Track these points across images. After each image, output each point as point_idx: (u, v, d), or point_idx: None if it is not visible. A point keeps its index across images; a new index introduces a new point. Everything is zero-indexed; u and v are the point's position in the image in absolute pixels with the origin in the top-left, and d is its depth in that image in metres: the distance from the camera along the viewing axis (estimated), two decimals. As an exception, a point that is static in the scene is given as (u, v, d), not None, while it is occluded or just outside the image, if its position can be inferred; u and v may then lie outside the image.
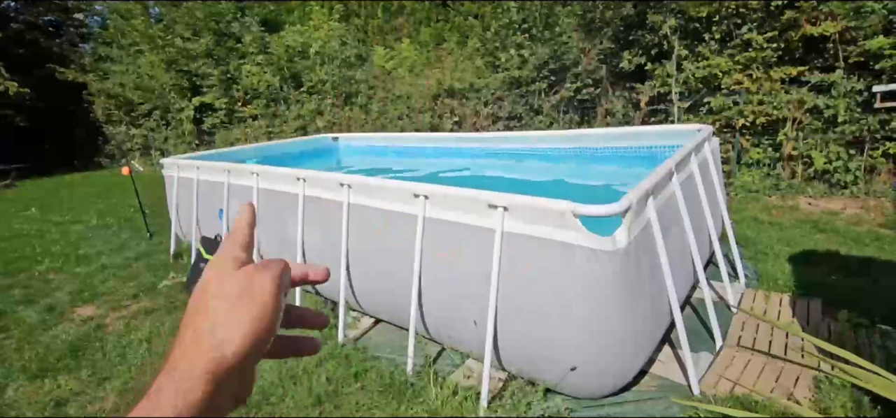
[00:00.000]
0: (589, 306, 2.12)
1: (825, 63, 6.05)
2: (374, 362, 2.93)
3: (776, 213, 5.34)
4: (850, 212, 5.19)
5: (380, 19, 13.47)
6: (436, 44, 11.51)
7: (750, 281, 3.62)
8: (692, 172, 3.10)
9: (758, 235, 4.58)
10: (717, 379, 2.49)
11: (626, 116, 7.53)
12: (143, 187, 6.41)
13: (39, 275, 5.13)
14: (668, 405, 2.35)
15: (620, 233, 2.05)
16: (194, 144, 13.21)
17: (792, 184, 6.18)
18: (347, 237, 3.09)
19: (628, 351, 2.33)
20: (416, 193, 2.65)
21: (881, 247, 4.03)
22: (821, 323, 2.96)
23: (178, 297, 4.14)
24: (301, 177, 3.41)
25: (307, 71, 11.68)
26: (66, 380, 3.03)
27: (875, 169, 5.72)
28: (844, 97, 5.69)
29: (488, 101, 9.10)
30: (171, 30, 13.42)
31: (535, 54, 8.41)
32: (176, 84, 13.23)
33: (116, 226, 7.15)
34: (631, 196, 2.10)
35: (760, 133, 6.46)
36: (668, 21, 6.74)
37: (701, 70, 6.63)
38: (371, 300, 3.30)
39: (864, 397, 2.18)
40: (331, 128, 10.68)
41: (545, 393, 2.47)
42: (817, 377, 2.42)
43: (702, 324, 2.98)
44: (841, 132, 5.78)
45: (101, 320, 3.87)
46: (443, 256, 2.62)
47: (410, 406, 2.49)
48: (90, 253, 5.79)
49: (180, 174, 4.89)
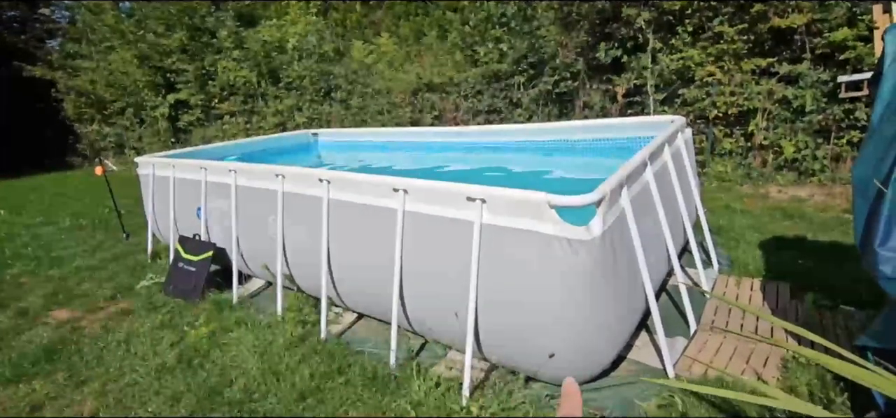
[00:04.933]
0: (566, 294, 2.18)
1: (793, 54, 6.23)
2: (358, 356, 2.94)
3: (748, 202, 5.50)
4: (818, 200, 5.37)
5: (358, 13, 13.36)
6: (415, 38, 11.47)
7: (722, 267, 3.74)
8: (666, 162, 3.18)
9: (730, 223, 4.72)
10: (691, 363, 2.58)
11: (603, 108, 7.65)
12: (117, 187, 6.28)
13: (10, 278, 5.00)
14: (645, 388, 2.43)
15: (595, 223, 2.10)
16: (170, 143, 12.94)
17: (763, 173, 6.37)
18: (328, 233, 3.09)
19: (605, 337, 2.39)
20: (395, 187, 2.67)
21: (845, 232, 4.20)
22: (789, 305, 3.08)
23: (157, 297, 4.08)
24: (280, 173, 3.40)
25: (285, 66, 11.54)
26: (41, 384, 2.98)
27: (841, 157, 5.92)
28: (811, 88, 5.88)
29: (468, 95, 9.13)
30: (143, 25, 13.09)
31: (514, 48, 8.47)
32: (149, 80, 12.93)
33: (91, 227, 6.98)
34: (605, 186, 2.16)
35: (733, 123, 6.63)
36: (643, 14, 6.85)
37: (675, 62, 6.77)
38: (353, 295, 3.30)
39: (828, 374, 2.29)
40: (310, 124, 10.58)
41: (526, 382, 2.52)
42: (785, 357, 2.52)
43: (677, 310, 3.07)
44: (808, 122, 5.97)
45: (77, 323, 3.80)
46: (423, 249, 2.65)
47: (394, 398, 2.52)
48: (64, 255, 5.65)
49: (156, 173, 4.81)
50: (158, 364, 3.08)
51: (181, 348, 3.24)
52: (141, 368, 3.06)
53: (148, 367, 3.05)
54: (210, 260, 4.03)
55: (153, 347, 3.29)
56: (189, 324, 3.54)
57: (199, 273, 4.02)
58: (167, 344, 3.30)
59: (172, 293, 4.09)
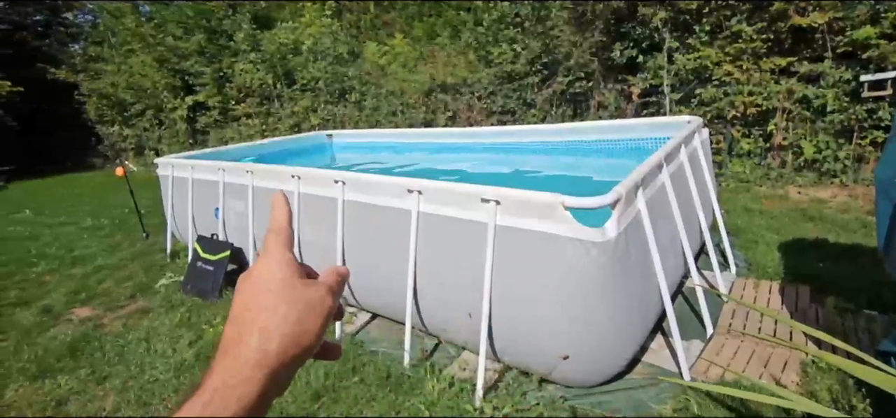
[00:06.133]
0: (580, 297, 2.17)
1: (814, 53, 6.11)
2: (372, 356, 2.97)
3: (766, 203, 5.41)
4: (839, 201, 5.26)
5: (372, 14, 13.42)
6: (428, 39, 11.49)
7: (740, 269, 3.68)
8: (682, 164, 3.15)
9: (748, 224, 4.64)
10: (708, 366, 2.55)
11: (618, 109, 7.58)
12: (137, 188, 6.41)
13: (35, 277, 5.13)
14: (660, 391, 2.41)
15: (610, 225, 2.09)
16: (188, 144, 13.15)
17: (782, 174, 6.26)
18: (343, 233, 3.12)
19: (620, 340, 2.38)
20: (409, 188, 2.69)
21: (868, 234, 4.10)
22: (809, 309, 3.02)
23: (176, 296, 4.16)
24: (296, 174, 3.44)
25: (300, 68, 11.65)
26: (65, 380, 3.06)
27: (863, 157, 5.79)
28: (833, 87, 5.76)
29: (481, 96, 9.12)
30: (162, 28, 13.33)
31: (527, 48, 8.43)
32: (168, 83, 13.15)
33: (110, 226, 7.14)
34: (620, 188, 2.15)
35: (751, 123, 6.52)
36: (659, 13, 6.78)
37: (692, 62, 6.68)
38: (367, 296, 3.33)
39: (849, 380, 2.24)
40: (324, 125, 10.67)
41: (540, 383, 2.52)
42: (805, 362, 2.48)
43: (693, 313, 3.04)
44: (830, 121, 5.84)
45: (98, 320, 3.89)
46: (437, 250, 2.66)
47: (408, 398, 2.53)
48: (85, 254, 5.79)
49: (175, 173, 4.90)
50: (177, 361, 3.14)
51: (199, 346, 3.30)
52: (161, 365, 3.12)
53: (167, 364, 3.11)
54: (227, 259, 4.10)
55: (172, 345, 3.35)
56: (207, 323, 3.60)
57: (217, 272, 4.08)
58: (186, 342, 3.37)
59: (191, 292, 4.16)
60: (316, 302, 0.40)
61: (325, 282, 0.43)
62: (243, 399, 0.35)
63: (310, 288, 0.41)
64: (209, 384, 0.36)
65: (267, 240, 0.43)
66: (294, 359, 0.38)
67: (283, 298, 0.39)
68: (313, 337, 0.39)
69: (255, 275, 0.40)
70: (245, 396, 0.35)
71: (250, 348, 0.37)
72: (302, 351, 0.39)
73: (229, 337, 0.38)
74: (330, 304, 0.41)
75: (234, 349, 0.37)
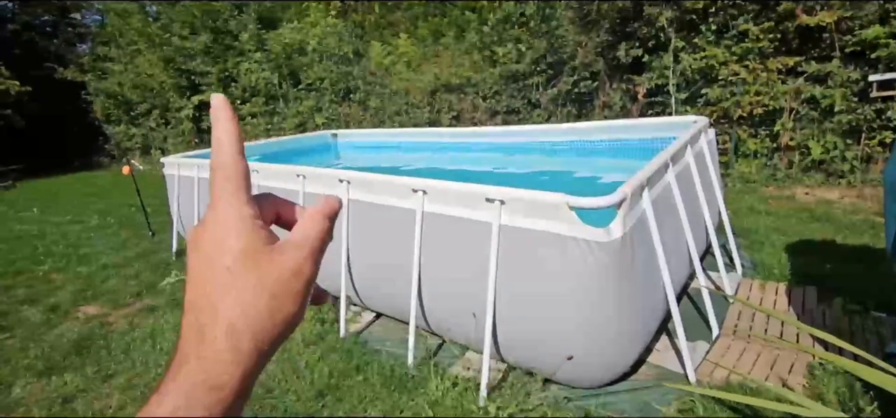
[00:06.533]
0: (585, 297, 2.16)
1: (821, 53, 6.06)
2: (376, 355, 2.97)
3: (773, 203, 5.37)
4: (847, 201, 5.22)
5: (377, 14, 13.44)
6: (433, 39, 11.49)
7: (746, 270, 3.66)
8: (688, 164, 3.13)
9: (755, 225, 4.61)
10: (713, 368, 2.54)
11: (623, 109, 7.55)
12: (143, 187, 6.44)
13: (42, 275, 5.17)
14: (665, 392, 2.39)
15: (615, 225, 2.08)
16: (194, 143, 13.22)
17: (789, 174, 6.21)
18: (347, 233, 3.12)
19: (624, 341, 2.37)
20: (414, 188, 2.69)
21: (876, 235, 4.07)
22: (816, 310, 3.00)
23: (180, 295, 4.18)
24: (301, 173, 3.44)
25: (305, 68, 11.68)
26: (72, 377, 3.07)
27: (871, 158, 5.74)
28: (841, 87, 5.71)
29: (486, 96, 9.11)
30: (168, 28, 13.40)
31: (532, 48, 8.42)
32: (174, 83, 13.23)
33: (117, 225, 7.18)
34: (626, 188, 2.14)
35: (757, 123, 6.48)
36: (665, 13, 6.74)
37: (698, 61, 6.65)
38: (371, 295, 3.33)
39: (857, 382, 2.22)
40: (329, 125, 10.69)
41: (544, 383, 2.51)
42: (812, 364, 2.46)
43: (698, 314, 3.02)
44: (838, 122, 5.80)
45: (104, 318, 3.92)
46: (441, 250, 2.65)
47: (411, 397, 2.53)
48: (91, 252, 5.82)
49: (181, 172, 4.92)
50: (182, 359, 3.14)
51: (204, 344, 3.31)
52: (165, 363, 3.13)
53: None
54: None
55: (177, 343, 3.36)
56: (212, 321, 3.61)
57: (222, 271, 4.09)
58: (191, 340, 3.37)
59: (196, 290, 4.17)
60: (288, 276, 0.31)
61: (299, 242, 0.33)
62: (216, 408, 0.29)
63: (280, 256, 0.32)
64: (169, 402, 0.28)
65: (212, 183, 0.32)
66: (273, 345, 0.31)
67: (245, 280, 0.30)
68: (292, 316, 0.32)
69: (206, 242, 0.31)
70: (220, 403, 0.29)
71: (218, 349, 0.29)
72: (280, 336, 0.32)
73: (189, 332, 0.30)
74: (308, 273, 0.33)
75: (198, 348, 0.30)
